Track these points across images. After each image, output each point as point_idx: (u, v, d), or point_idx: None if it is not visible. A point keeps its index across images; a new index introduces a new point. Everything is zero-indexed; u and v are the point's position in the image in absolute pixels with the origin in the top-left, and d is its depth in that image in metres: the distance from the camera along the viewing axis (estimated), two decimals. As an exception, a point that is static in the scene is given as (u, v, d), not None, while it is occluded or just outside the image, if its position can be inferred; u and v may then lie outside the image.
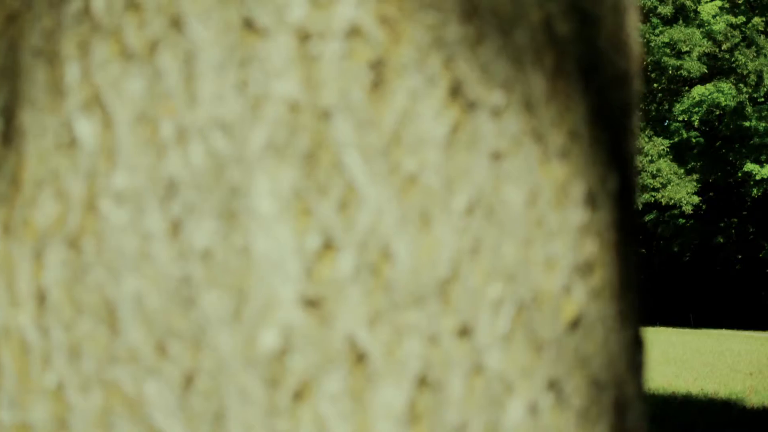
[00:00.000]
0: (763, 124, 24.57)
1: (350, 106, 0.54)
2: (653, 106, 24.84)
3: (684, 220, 29.79)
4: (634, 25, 0.67)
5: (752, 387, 7.68)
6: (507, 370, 0.57)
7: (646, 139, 23.11)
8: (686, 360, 10.17)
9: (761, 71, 23.11)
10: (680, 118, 25.43)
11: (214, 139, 0.54)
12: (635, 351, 0.65)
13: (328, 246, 0.54)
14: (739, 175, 25.97)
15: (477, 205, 0.56)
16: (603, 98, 0.61)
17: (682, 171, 23.33)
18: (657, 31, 22.48)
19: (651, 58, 22.71)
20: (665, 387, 7.62)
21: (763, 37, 24.15)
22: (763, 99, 25.08)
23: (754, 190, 25.60)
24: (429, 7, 0.55)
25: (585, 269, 0.60)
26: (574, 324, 0.59)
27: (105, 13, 0.55)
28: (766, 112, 24.53)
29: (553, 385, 0.58)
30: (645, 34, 22.34)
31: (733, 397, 7.05)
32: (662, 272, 32.80)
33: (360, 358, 0.54)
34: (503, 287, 0.57)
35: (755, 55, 23.30)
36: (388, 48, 0.55)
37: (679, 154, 26.20)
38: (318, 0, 0.54)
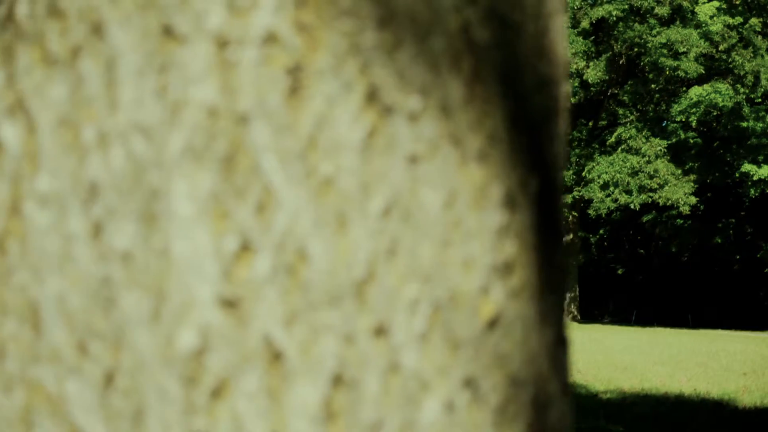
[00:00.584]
0: (761, 125, 24.59)
1: (267, 111, 0.56)
2: (651, 107, 24.85)
3: (682, 221, 29.81)
4: (560, 30, 0.68)
5: (745, 387, 7.70)
6: (423, 368, 0.58)
7: (644, 140, 23.11)
8: (681, 360, 10.18)
9: (758, 72, 23.12)
10: (678, 119, 25.45)
11: (134, 143, 0.56)
12: (558, 350, 0.66)
13: (246, 248, 0.56)
14: (737, 175, 25.99)
15: (393, 208, 0.58)
16: (523, 103, 0.63)
17: (679, 172, 23.34)
18: (654, 32, 22.49)
19: (648, 59, 22.70)
20: (658, 387, 7.64)
21: (760, 37, 24.17)
22: (760, 100, 25.11)
23: (752, 191, 25.62)
24: (346, 14, 0.56)
25: (504, 270, 0.61)
26: (492, 323, 0.61)
27: (28, 19, 0.57)
28: (763, 113, 24.55)
29: (470, 383, 0.59)
30: (642, 35, 22.33)
31: (726, 397, 7.07)
32: (661, 273, 32.82)
33: (276, 356, 0.56)
34: (420, 287, 0.58)
35: (752, 55, 23.32)
36: (305, 54, 0.56)
37: (677, 154, 26.22)
38: (236, 7, 0.55)
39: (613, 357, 10.35)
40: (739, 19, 24.60)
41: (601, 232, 35.78)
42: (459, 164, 0.60)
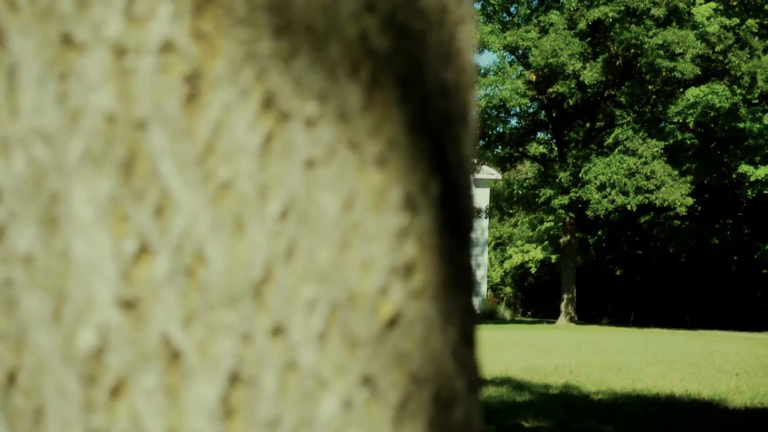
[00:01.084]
0: (758, 126, 24.61)
1: (165, 118, 0.57)
2: (647, 108, 24.87)
3: (679, 222, 29.83)
4: (468, 38, 0.70)
5: (737, 387, 7.72)
6: (321, 367, 0.60)
7: (641, 141, 23.12)
8: (674, 361, 10.19)
9: (755, 73, 23.14)
10: (675, 120, 25.48)
11: (35, 148, 0.57)
12: (464, 349, 0.68)
13: (144, 250, 0.57)
14: (734, 176, 26.02)
15: (291, 211, 0.59)
16: (425, 108, 0.64)
17: (676, 173, 23.35)
18: (650, 33, 22.50)
19: (645, 60, 22.71)
20: (650, 388, 7.65)
21: (756, 38, 24.20)
22: (757, 101, 25.14)
23: (749, 192, 25.64)
24: (242, 23, 0.58)
25: (404, 271, 0.63)
26: (392, 323, 0.62)
27: (-67, 29, 0.58)
28: (760, 114, 24.58)
29: (368, 381, 0.61)
30: (639, 36, 22.35)
31: (717, 397, 7.08)
32: (659, 274, 32.84)
33: (175, 355, 0.58)
34: (317, 288, 0.60)
35: (749, 56, 23.34)
36: (202, 62, 0.58)
37: (674, 155, 26.23)
38: (133, 17, 0.57)
39: (607, 358, 10.36)
40: (735, 20, 24.62)
41: (599, 233, 35.80)
42: (357, 168, 0.61)
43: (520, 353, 10.76)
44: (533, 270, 39.60)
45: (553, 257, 35.98)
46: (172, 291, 0.57)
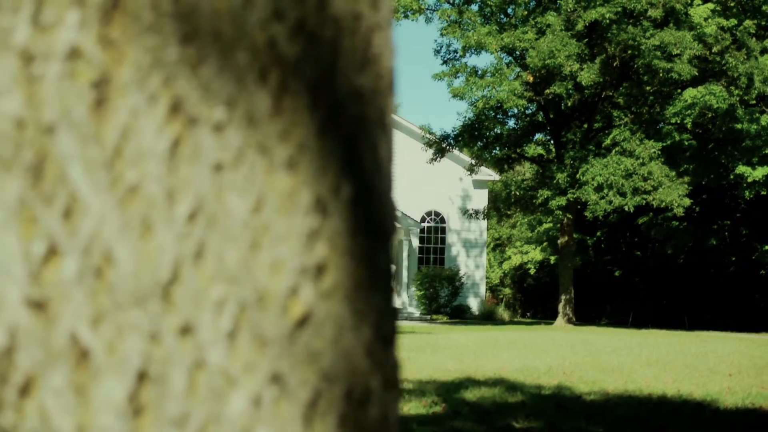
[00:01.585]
0: (755, 127, 24.65)
1: (73, 123, 0.59)
2: (645, 109, 24.88)
3: (677, 223, 29.86)
4: (385, 44, 0.71)
5: (729, 388, 7.73)
6: (230, 365, 0.61)
7: (638, 142, 23.14)
8: (668, 362, 10.20)
9: (752, 74, 23.16)
10: (673, 121, 25.51)
11: (-54, 153, 0.59)
12: (380, 347, 0.69)
13: (53, 251, 0.59)
14: (732, 177, 26.04)
15: (199, 213, 0.61)
16: (337, 113, 0.66)
17: (673, 174, 23.36)
18: (648, 34, 22.52)
19: (642, 61, 22.73)
20: (642, 389, 7.66)
21: (754, 39, 24.23)
22: (754, 101, 25.16)
23: (747, 193, 25.67)
24: (149, 30, 0.60)
25: (315, 271, 0.65)
26: (302, 322, 0.64)
27: None
28: (757, 115, 24.62)
29: (278, 379, 0.63)
30: (636, 37, 22.36)
31: (708, 398, 7.09)
32: (657, 275, 32.84)
33: (83, 354, 0.59)
34: (226, 288, 0.61)
35: (746, 57, 23.36)
36: (110, 68, 0.59)
37: (672, 156, 26.27)
38: (40, 24, 0.59)
39: (601, 359, 10.37)
40: (733, 21, 24.65)
41: (598, 234, 35.83)
42: (267, 172, 0.63)
43: (515, 354, 10.78)
44: (532, 271, 39.63)
45: (552, 258, 36.02)
46: (81, 291, 0.59)
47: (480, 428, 5.71)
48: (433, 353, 10.75)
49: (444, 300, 27.15)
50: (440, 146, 24.43)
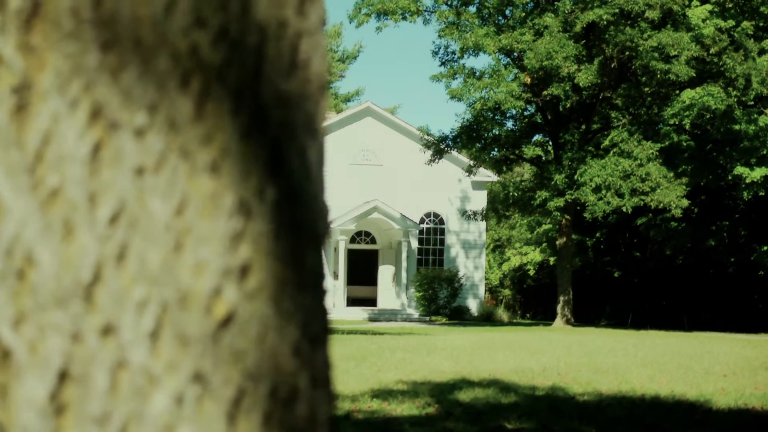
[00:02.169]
0: (753, 128, 24.65)
1: (-5, 128, 0.60)
2: (643, 110, 24.90)
3: (676, 224, 29.87)
4: (316, 49, 0.73)
5: (723, 389, 7.74)
6: (152, 364, 0.63)
7: (636, 144, 23.14)
8: (664, 363, 10.21)
9: (749, 75, 23.17)
10: (671, 122, 25.53)
11: None
12: (308, 346, 0.71)
13: (-24, 253, 0.60)
14: (730, 178, 26.04)
15: (121, 216, 0.62)
16: (261, 118, 0.67)
17: (671, 175, 23.36)
18: (645, 35, 22.53)
19: (639, 62, 22.74)
20: (636, 389, 7.67)
21: (752, 40, 24.25)
22: (752, 102, 25.18)
23: (745, 193, 25.67)
24: (70, 37, 0.61)
25: (239, 272, 0.66)
26: (226, 322, 0.65)
27: None
28: (755, 116, 24.63)
29: (200, 378, 0.64)
30: (633, 38, 22.37)
31: (701, 398, 7.10)
32: (656, 276, 32.85)
33: (5, 354, 0.61)
34: (148, 289, 0.63)
35: (743, 58, 23.38)
36: (30, 74, 0.61)
37: (670, 157, 26.28)
38: (-37, 33, 0.60)
39: (597, 359, 10.38)
40: (731, 22, 24.67)
41: (597, 235, 35.84)
42: (189, 175, 0.64)
43: (511, 355, 10.78)
44: (532, 272, 39.64)
45: (552, 259, 36.02)
46: (3, 292, 0.60)
47: (472, 429, 5.72)
48: (428, 354, 10.76)
49: (443, 301, 27.15)
50: (439, 147, 24.43)
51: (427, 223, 29.05)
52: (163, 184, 0.63)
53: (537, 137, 28.08)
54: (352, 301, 27.88)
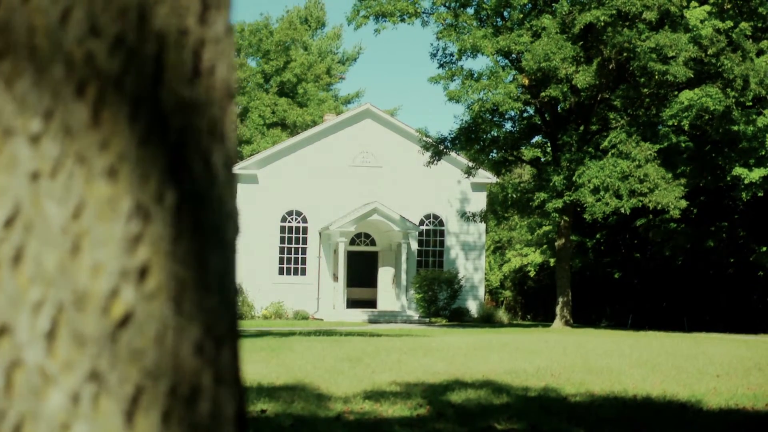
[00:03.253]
0: (751, 128, 24.66)
1: None
2: (641, 111, 24.92)
3: (675, 225, 29.88)
4: (221, 56, 0.75)
5: (715, 389, 7.75)
6: (48, 364, 0.65)
7: (634, 145, 23.16)
8: (658, 363, 10.21)
9: (747, 75, 23.19)
10: (669, 123, 25.54)
11: None
12: (211, 346, 0.72)
13: None
14: (729, 179, 26.05)
15: (17, 219, 0.64)
16: (160, 124, 0.69)
17: (669, 176, 23.38)
18: (643, 36, 22.56)
19: (637, 63, 22.75)
20: (628, 390, 7.68)
21: (750, 41, 24.27)
22: (750, 103, 25.18)
23: (744, 194, 25.68)
24: (-34, 48, 0.63)
25: (137, 274, 0.68)
26: (123, 322, 0.67)
27: None
28: (754, 116, 24.64)
29: (97, 376, 0.66)
30: (631, 39, 22.40)
31: (693, 399, 7.11)
32: (656, 277, 32.85)
33: None
34: (44, 291, 0.65)
35: (741, 59, 23.40)
36: (-73, 83, 0.63)
37: (669, 158, 26.28)
38: None
39: (591, 361, 10.38)
40: (729, 23, 24.68)
41: (597, 236, 35.84)
42: (86, 180, 0.66)
43: (506, 356, 10.79)
44: (532, 273, 39.64)
45: (552, 261, 36.03)
46: None
47: (462, 430, 5.74)
48: (424, 355, 10.77)
49: (443, 303, 27.17)
50: (437, 149, 24.45)
51: (426, 225, 29.08)
52: (60, 189, 0.65)
53: (536, 139, 28.09)
54: (352, 303, 27.90)
